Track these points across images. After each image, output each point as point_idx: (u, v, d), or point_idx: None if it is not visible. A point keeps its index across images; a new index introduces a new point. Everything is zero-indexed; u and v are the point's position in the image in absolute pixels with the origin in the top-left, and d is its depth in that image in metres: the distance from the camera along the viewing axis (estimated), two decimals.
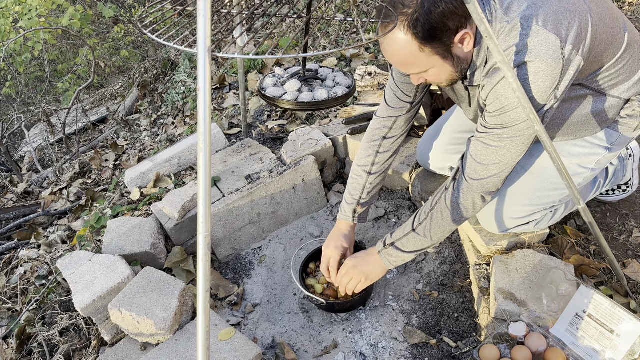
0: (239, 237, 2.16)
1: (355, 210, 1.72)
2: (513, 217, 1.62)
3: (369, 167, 1.70)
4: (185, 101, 3.80)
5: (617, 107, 1.46)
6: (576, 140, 1.54)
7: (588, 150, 1.54)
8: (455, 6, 1.14)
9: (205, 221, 0.81)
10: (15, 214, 2.86)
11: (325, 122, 2.55)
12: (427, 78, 1.34)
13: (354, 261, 1.62)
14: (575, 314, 1.43)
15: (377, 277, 1.61)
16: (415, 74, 1.33)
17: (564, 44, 1.18)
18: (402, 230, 1.51)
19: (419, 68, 1.28)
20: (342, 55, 3.22)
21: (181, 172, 2.49)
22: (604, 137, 1.53)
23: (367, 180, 1.70)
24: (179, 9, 1.09)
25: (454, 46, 1.23)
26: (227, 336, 1.60)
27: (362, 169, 1.71)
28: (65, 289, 1.94)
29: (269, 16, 2.29)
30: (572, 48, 1.19)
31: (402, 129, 1.68)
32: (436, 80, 1.37)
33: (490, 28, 0.99)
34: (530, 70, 1.18)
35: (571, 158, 1.54)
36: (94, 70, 4.15)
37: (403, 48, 1.21)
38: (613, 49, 1.33)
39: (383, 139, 1.68)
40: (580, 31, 1.21)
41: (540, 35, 1.17)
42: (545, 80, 1.19)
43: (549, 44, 1.17)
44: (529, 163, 1.58)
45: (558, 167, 1.25)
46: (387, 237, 1.55)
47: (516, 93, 1.12)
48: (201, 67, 0.74)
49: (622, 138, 1.53)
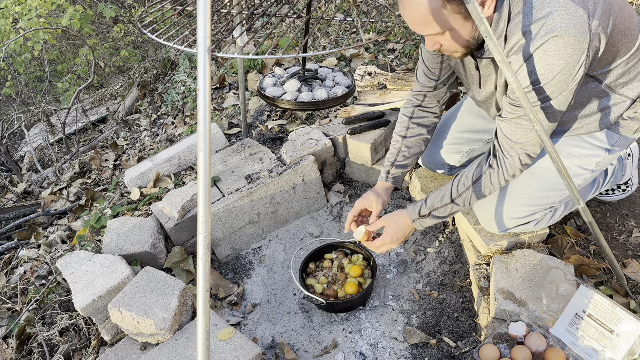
0: (239, 237, 2.16)
1: (389, 171, 1.75)
2: (513, 217, 1.62)
3: (404, 132, 1.75)
4: (185, 101, 3.80)
5: (622, 107, 1.45)
6: (577, 142, 1.54)
7: (589, 151, 1.54)
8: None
9: (205, 221, 0.81)
10: (15, 214, 2.86)
11: (325, 122, 2.55)
12: (443, 43, 1.31)
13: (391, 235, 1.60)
14: (575, 314, 1.43)
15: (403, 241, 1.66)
16: (432, 35, 1.28)
17: (591, 19, 1.17)
18: (439, 201, 1.53)
19: (437, 28, 1.24)
20: (342, 55, 3.22)
21: (181, 172, 2.49)
22: (604, 139, 1.52)
23: (402, 144, 1.75)
24: (179, 9, 1.09)
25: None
26: (227, 336, 1.60)
27: (397, 135, 1.77)
28: (65, 289, 1.94)
29: (269, 16, 2.29)
30: (598, 24, 1.19)
31: (434, 105, 1.75)
32: (452, 48, 1.32)
33: (490, 28, 1.00)
34: (559, 45, 1.17)
35: (572, 159, 1.54)
36: (94, 70, 4.16)
37: (425, 3, 1.18)
38: (628, 43, 1.33)
39: (415, 108, 1.75)
40: (606, 10, 1.20)
41: (569, 9, 1.16)
42: (573, 55, 1.18)
43: (577, 17, 1.15)
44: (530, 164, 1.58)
45: (558, 167, 1.25)
46: (421, 207, 1.56)
47: (516, 93, 1.12)
48: (201, 67, 0.75)
49: (622, 140, 1.53)
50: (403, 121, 1.76)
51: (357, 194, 2.37)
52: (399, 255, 2.04)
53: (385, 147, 2.35)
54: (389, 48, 3.24)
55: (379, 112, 2.38)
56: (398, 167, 1.75)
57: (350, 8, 2.17)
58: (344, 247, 2.02)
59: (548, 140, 1.20)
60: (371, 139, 2.24)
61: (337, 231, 2.23)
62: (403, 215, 1.60)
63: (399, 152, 1.75)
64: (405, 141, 1.75)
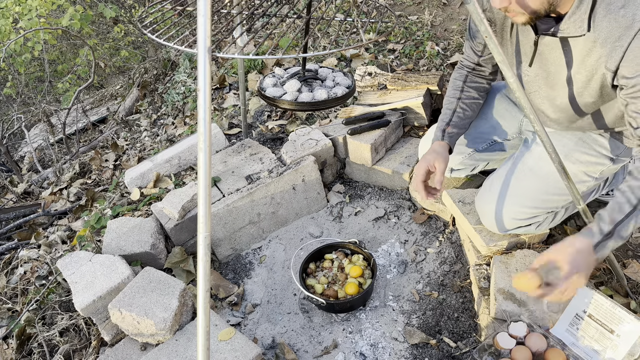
0: (239, 237, 2.16)
1: (444, 130, 1.68)
2: (515, 218, 1.62)
3: (458, 94, 1.72)
4: (185, 101, 3.80)
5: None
6: (586, 149, 1.54)
7: (595, 159, 1.55)
8: None
9: (205, 221, 0.81)
10: (15, 214, 2.86)
11: (325, 122, 2.55)
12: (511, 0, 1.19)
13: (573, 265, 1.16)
14: (576, 314, 1.43)
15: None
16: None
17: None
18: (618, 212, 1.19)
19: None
20: (342, 55, 3.22)
21: (181, 172, 2.49)
22: (609, 147, 1.53)
23: (457, 105, 1.70)
24: (179, 9, 1.09)
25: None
26: (227, 336, 1.60)
27: (451, 98, 1.73)
28: (65, 289, 1.93)
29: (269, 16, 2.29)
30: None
31: (487, 69, 1.70)
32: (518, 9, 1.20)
33: (490, 28, 0.99)
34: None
35: (579, 165, 1.54)
36: (94, 70, 4.16)
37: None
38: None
39: (469, 72, 1.73)
40: None
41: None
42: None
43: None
44: (537, 166, 1.58)
45: (557, 167, 1.25)
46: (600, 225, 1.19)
47: (516, 93, 1.11)
48: (201, 67, 0.74)
49: (627, 150, 1.53)
50: (456, 85, 1.72)
51: (357, 194, 2.37)
52: (399, 255, 2.04)
53: (385, 147, 2.35)
54: (389, 48, 3.24)
55: (379, 112, 2.38)
56: (453, 127, 1.68)
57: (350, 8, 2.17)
58: (344, 247, 2.02)
59: (548, 140, 1.20)
60: (371, 139, 2.24)
61: (337, 231, 2.23)
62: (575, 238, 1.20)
63: (454, 112, 1.69)
64: (460, 102, 1.70)
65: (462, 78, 1.74)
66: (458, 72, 1.76)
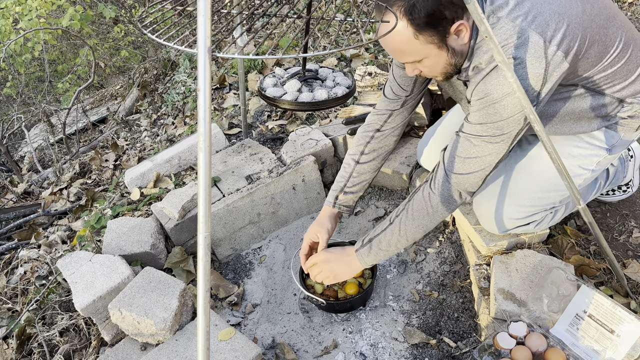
0: (239, 237, 2.16)
1: (337, 197, 1.72)
2: (513, 218, 1.62)
3: (357, 157, 1.71)
4: (185, 101, 3.80)
5: (613, 105, 1.45)
6: (577, 142, 1.54)
7: (589, 151, 1.54)
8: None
9: (205, 221, 0.81)
10: (15, 214, 2.86)
11: (325, 122, 2.55)
12: (421, 69, 1.34)
13: (327, 256, 1.61)
14: (576, 314, 1.43)
15: (346, 278, 1.62)
16: (409, 62, 1.32)
17: (547, 44, 1.17)
18: (380, 226, 1.50)
19: (413, 56, 1.28)
20: (342, 55, 3.22)
21: (181, 172, 2.49)
22: (603, 138, 1.52)
23: (354, 169, 1.71)
24: (179, 9, 1.09)
25: (449, 36, 1.23)
26: (227, 336, 1.60)
27: (351, 158, 1.73)
28: (65, 289, 1.94)
29: (269, 16, 2.29)
30: (556, 49, 1.18)
31: (396, 125, 1.69)
32: (431, 73, 1.36)
33: (490, 28, 0.99)
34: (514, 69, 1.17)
35: (572, 159, 1.54)
36: (94, 70, 4.16)
37: (398, 34, 1.21)
38: (608, 49, 1.32)
39: (376, 131, 1.70)
40: (568, 34, 1.19)
41: (524, 34, 1.17)
42: (526, 79, 1.18)
43: (532, 43, 1.16)
44: (530, 164, 1.58)
45: (558, 167, 1.25)
46: (366, 236, 1.55)
47: (516, 93, 1.11)
48: (201, 67, 0.74)
49: (622, 140, 1.52)
50: (359, 144, 1.71)
51: None
52: (399, 255, 2.04)
53: None
54: None
55: None
56: (347, 194, 1.72)
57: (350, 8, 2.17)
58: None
59: (547, 140, 1.20)
60: None
61: (337, 231, 2.23)
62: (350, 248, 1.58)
63: (350, 176, 1.71)
64: (357, 166, 1.71)
65: (367, 137, 1.70)
66: (363, 133, 1.72)
